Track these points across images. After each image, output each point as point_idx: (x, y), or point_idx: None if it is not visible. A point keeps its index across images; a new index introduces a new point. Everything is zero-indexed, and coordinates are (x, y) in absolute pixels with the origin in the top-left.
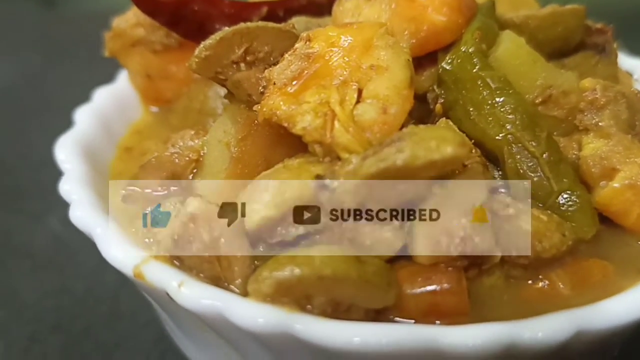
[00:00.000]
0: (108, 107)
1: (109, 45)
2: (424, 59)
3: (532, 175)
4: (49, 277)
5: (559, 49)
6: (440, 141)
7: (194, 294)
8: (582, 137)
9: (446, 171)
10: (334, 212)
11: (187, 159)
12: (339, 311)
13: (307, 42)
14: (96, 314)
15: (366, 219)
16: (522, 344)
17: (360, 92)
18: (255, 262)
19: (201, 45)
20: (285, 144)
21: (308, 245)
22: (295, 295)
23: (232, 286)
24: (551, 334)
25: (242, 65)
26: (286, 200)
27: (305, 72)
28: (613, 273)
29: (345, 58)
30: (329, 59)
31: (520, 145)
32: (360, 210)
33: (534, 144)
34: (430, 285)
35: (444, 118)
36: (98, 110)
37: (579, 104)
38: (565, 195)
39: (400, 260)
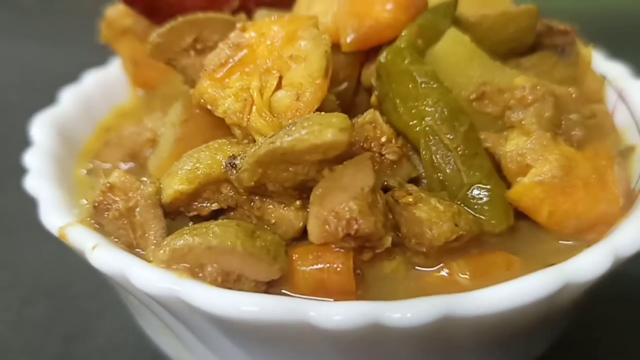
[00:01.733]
0: (94, 89)
1: (103, 32)
2: (372, 54)
3: (445, 167)
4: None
5: (514, 48)
6: (324, 126)
7: (102, 257)
8: (508, 133)
9: (332, 155)
10: (241, 190)
11: (145, 138)
12: (228, 281)
13: (240, 32)
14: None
15: (269, 198)
16: (387, 323)
17: (280, 79)
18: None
19: (154, 33)
20: (223, 126)
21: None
22: (188, 263)
23: (145, 253)
24: (416, 315)
25: (192, 52)
26: (198, 176)
27: (233, 59)
28: (519, 267)
29: (270, 47)
30: (256, 48)
31: (436, 137)
32: (264, 190)
33: (450, 137)
34: (317, 263)
35: (372, 110)
36: (83, 92)
37: (509, 102)
38: (476, 189)
39: (305, 239)
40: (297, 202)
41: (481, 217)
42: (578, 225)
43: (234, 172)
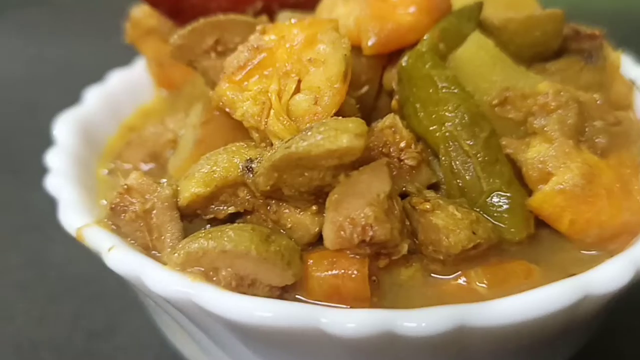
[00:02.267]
0: (118, 89)
1: (128, 33)
2: (394, 57)
3: (465, 173)
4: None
5: (539, 53)
6: (340, 132)
7: (118, 258)
8: (530, 140)
9: (348, 161)
10: (257, 194)
11: (166, 139)
12: (243, 285)
13: (260, 34)
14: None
15: (285, 202)
16: (401, 332)
17: (299, 83)
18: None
19: (175, 34)
20: (243, 128)
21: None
22: (203, 266)
23: (161, 255)
24: (431, 325)
25: (213, 54)
26: (214, 179)
27: (252, 62)
28: (539, 277)
29: (289, 51)
30: (275, 51)
31: (456, 143)
32: (280, 194)
33: (470, 142)
34: (332, 269)
35: (392, 114)
36: (107, 91)
37: (532, 108)
38: (495, 196)
39: (321, 244)
40: (314, 207)
41: (501, 225)
42: (600, 235)
43: (251, 175)
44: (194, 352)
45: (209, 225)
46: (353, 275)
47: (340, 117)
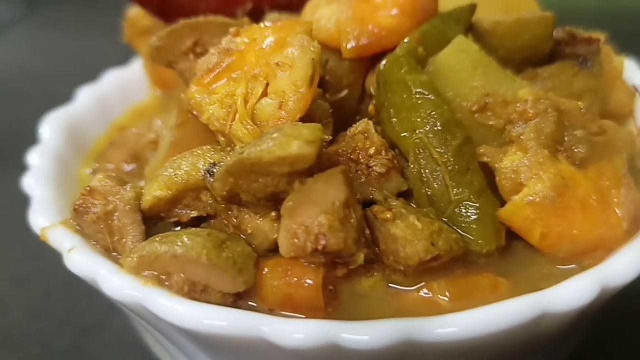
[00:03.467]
0: (112, 88)
1: (126, 32)
2: (378, 60)
3: (434, 182)
4: None
5: (530, 57)
6: (292, 138)
7: (76, 260)
8: (507, 149)
9: (300, 168)
10: (219, 199)
11: (147, 140)
12: (195, 291)
13: (232, 37)
14: None
15: (246, 208)
16: (345, 344)
17: (267, 87)
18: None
19: (155, 36)
20: None
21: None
22: (156, 271)
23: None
24: (375, 339)
25: (192, 56)
26: (175, 183)
27: (221, 65)
28: (506, 291)
29: (259, 54)
30: (245, 54)
31: (427, 151)
32: (239, 200)
33: (440, 150)
34: (286, 277)
35: (365, 119)
36: (100, 90)
37: (512, 115)
38: (464, 207)
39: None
40: (273, 214)
41: (468, 236)
42: (573, 249)
43: (212, 180)
44: (162, 353)
45: (179, 228)
46: (306, 285)
47: (299, 123)
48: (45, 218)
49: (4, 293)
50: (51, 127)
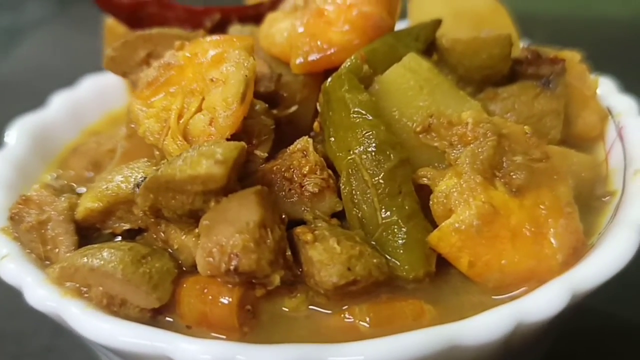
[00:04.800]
0: (87, 94)
1: (105, 38)
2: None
3: (363, 204)
4: None
5: (489, 76)
6: (203, 157)
7: (6, 268)
8: (446, 172)
9: (213, 187)
10: (148, 213)
11: (105, 149)
12: (114, 304)
13: (176, 51)
14: None
15: (173, 223)
16: None
17: (203, 102)
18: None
19: (110, 47)
20: None
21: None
22: (77, 282)
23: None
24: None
25: (145, 67)
26: (105, 196)
27: (160, 79)
28: (431, 318)
29: (197, 69)
30: (185, 69)
31: (359, 172)
32: (162, 215)
33: (371, 172)
34: (202, 295)
35: (305, 137)
36: (75, 96)
37: (452, 138)
38: (391, 230)
39: None
40: (196, 230)
41: (395, 261)
42: (502, 279)
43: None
44: None
45: (119, 238)
46: (220, 303)
47: (216, 142)
48: None
49: None
50: (18, 132)
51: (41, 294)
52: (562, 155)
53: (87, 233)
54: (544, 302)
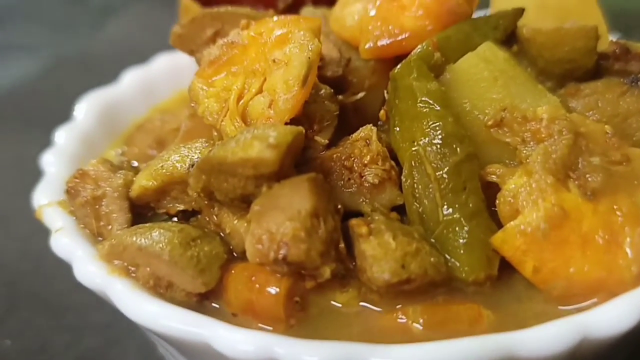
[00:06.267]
0: (159, 72)
1: (180, 18)
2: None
3: (424, 199)
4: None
5: (571, 70)
6: (256, 140)
7: (58, 241)
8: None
9: (265, 172)
10: (199, 194)
11: (170, 127)
12: (160, 286)
13: (241, 30)
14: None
15: (226, 207)
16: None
17: (264, 83)
18: None
19: (176, 24)
20: None
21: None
22: (125, 261)
23: None
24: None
25: (212, 46)
26: (160, 175)
27: (223, 57)
28: (488, 325)
29: (261, 49)
30: (248, 48)
31: (422, 165)
32: (213, 197)
33: (435, 165)
34: (249, 283)
35: (369, 125)
36: (146, 73)
37: (525, 134)
38: (453, 229)
39: None
40: (248, 216)
41: (455, 261)
42: (569, 289)
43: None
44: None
45: (176, 219)
46: (267, 293)
47: (273, 125)
48: (47, 196)
49: None
50: (86, 107)
51: (89, 269)
52: None
53: (142, 212)
54: (613, 316)
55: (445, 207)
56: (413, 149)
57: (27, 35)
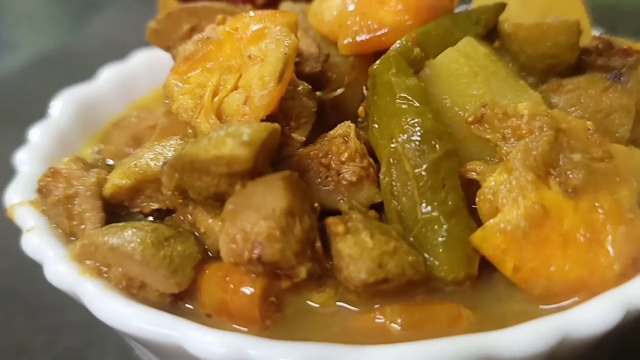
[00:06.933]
0: (138, 69)
1: (159, 12)
2: None
3: (402, 197)
4: None
5: (553, 66)
6: (228, 137)
7: (30, 241)
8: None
9: (238, 170)
10: (175, 193)
11: (146, 125)
12: (132, 286)
13: (217, 25)
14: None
15: (201, 206)
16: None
17: (240, 79)
18: None
19: (153, 19)
20: None
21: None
22: (97, 261)
23: None
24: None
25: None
26: (134, 173)
27: (198, 53)
28: (468, 325)
29: (236, 44)
30: (223, 44)
31: (400, 162)
32: (187, 195)
33: (413, 162)
34: (223, 283)
35: (347, 122)
36: (124, 70)
37: (506, 130)
38: (431, 227)
39: None
40: (223, 214)
41: (434, 260)
42: (549, 288)
43: None
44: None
45: (151, 218)
46: (241, 293)
47: (247, 122)
48: (19, 195)
49: None
50: (62, 104)
51: (60, 270)
52: (628, 156)
53: (116, 211)
54: (594, 316)
55: (424, 205)
56: (391, 146)
57: (9, 31)
